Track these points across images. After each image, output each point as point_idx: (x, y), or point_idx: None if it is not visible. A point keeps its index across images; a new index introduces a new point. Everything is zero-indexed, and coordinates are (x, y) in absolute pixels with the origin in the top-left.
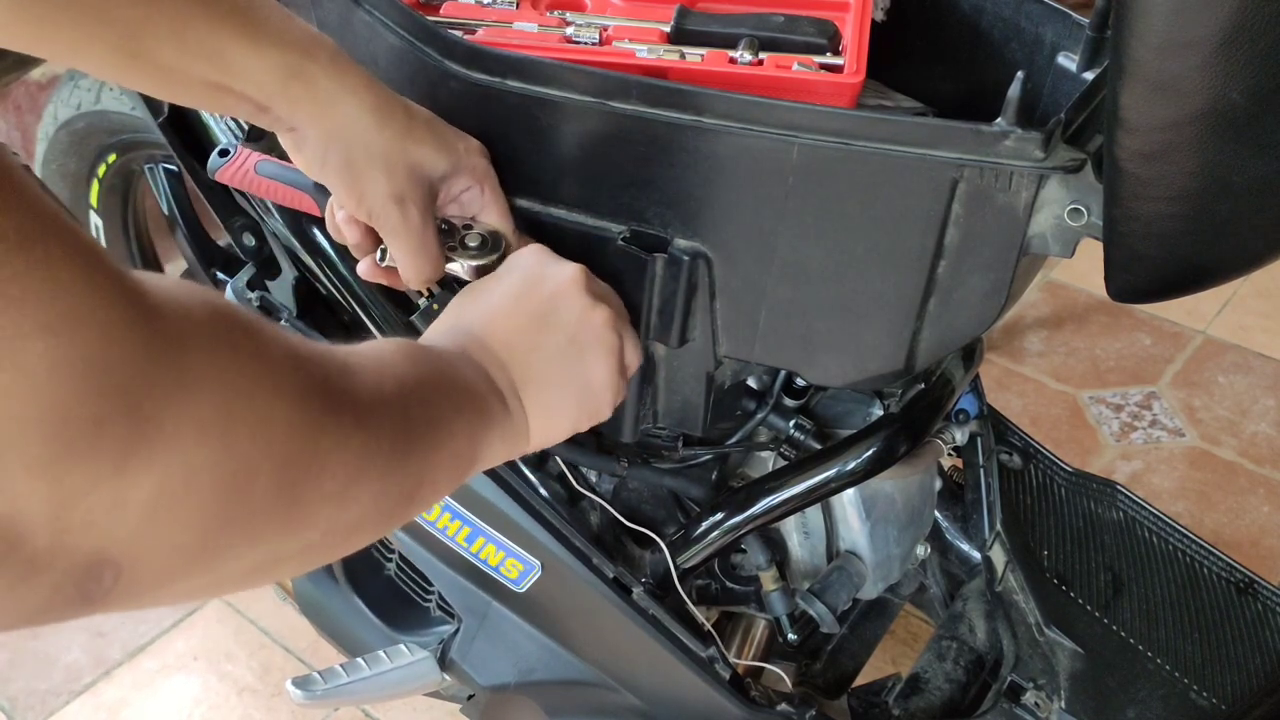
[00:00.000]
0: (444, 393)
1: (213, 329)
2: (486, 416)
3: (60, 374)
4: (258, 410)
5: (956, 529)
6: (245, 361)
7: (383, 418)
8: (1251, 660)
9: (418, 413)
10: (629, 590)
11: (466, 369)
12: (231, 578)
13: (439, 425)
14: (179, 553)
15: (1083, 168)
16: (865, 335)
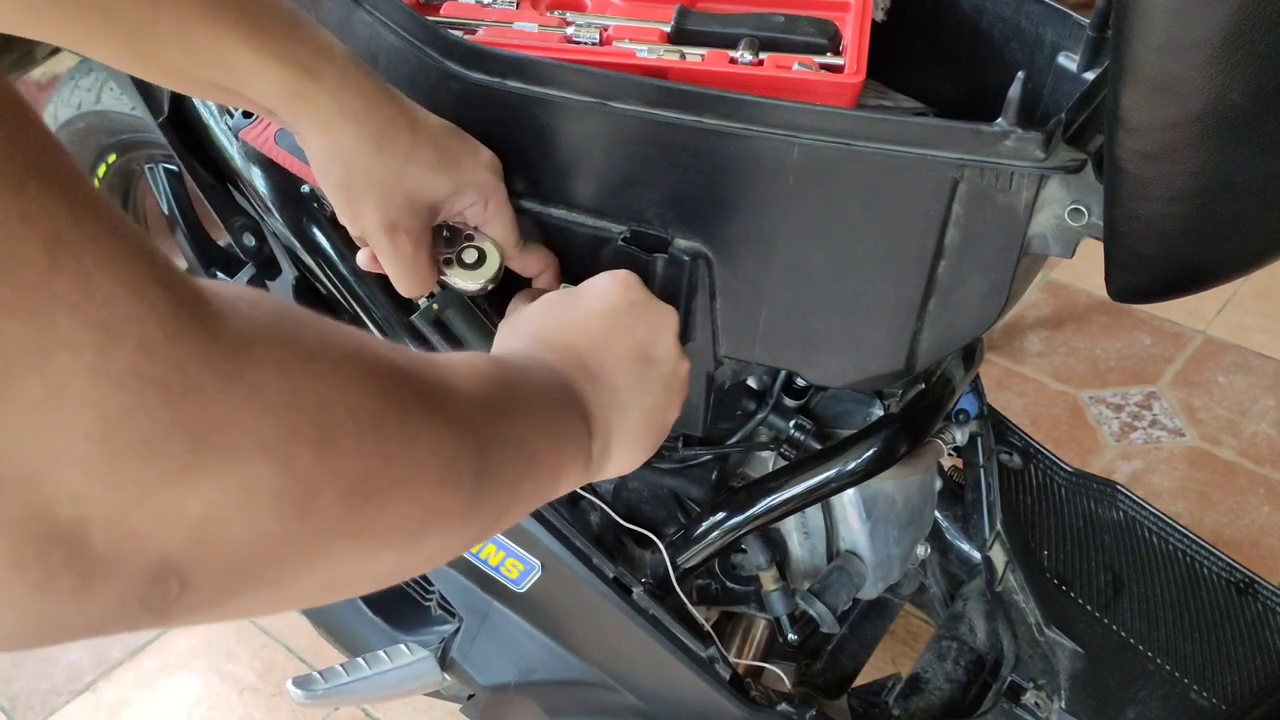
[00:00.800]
0: (534, 415)
1: (278, 339)
2: (573, 442)
3: (103, 385)
4: (324, 430)
5: (956, 529)
6: (314, 377)
7: (467, 446)
8: (1251, 660)
9: (506, 437)
10: (629, 590)
11: (557, 387)
12: (301, 595)
13: (526, 454)
14: (241, 567)
15: (1083, 168)
16: (865, 335)
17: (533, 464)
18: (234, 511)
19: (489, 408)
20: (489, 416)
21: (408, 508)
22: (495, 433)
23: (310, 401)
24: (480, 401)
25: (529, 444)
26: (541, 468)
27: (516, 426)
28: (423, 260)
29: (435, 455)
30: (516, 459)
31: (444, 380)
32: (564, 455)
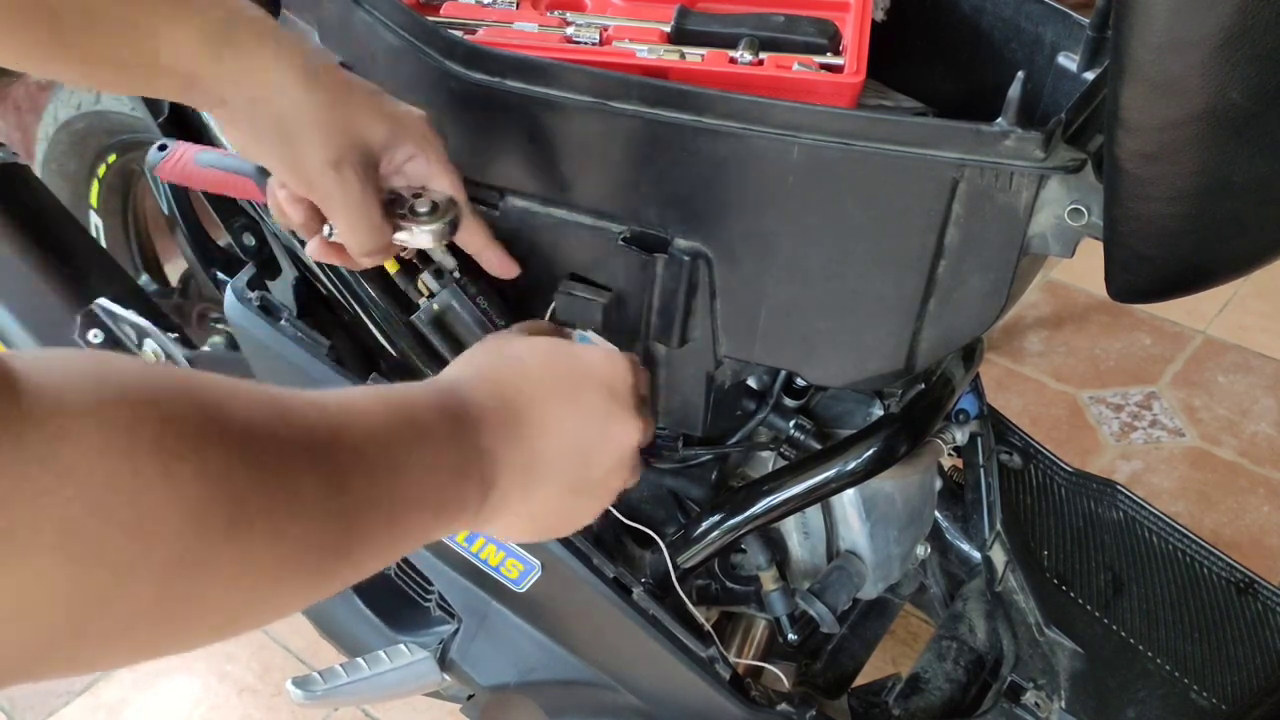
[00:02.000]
0: (412, 487)
1: (97, 415)
2: (452, 514)
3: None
4: (142, 512)
5: (956, 529)
6: (133, 454)
7: (318, 521)
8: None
9: (365, 514)
10: (629, 590)
11: (460, 443)
12: (114, 661)
13: (390, 516)
14: (40, 647)
15: (1083, 168)
16: (865, 335)
17: (387, 530)
18: (32, 603)
19: (355, 474)
20: (348, 489)
21: (229, 593)
22: (348, 509)
23: (125, 483)
24: (346, 472)
25: (390, 512)
26: (401, 530)
27: (384, 492)
28: (372, 202)
29: (274, 538)
30: (370, 528)
31: (303, 454)
32: (439, 515)
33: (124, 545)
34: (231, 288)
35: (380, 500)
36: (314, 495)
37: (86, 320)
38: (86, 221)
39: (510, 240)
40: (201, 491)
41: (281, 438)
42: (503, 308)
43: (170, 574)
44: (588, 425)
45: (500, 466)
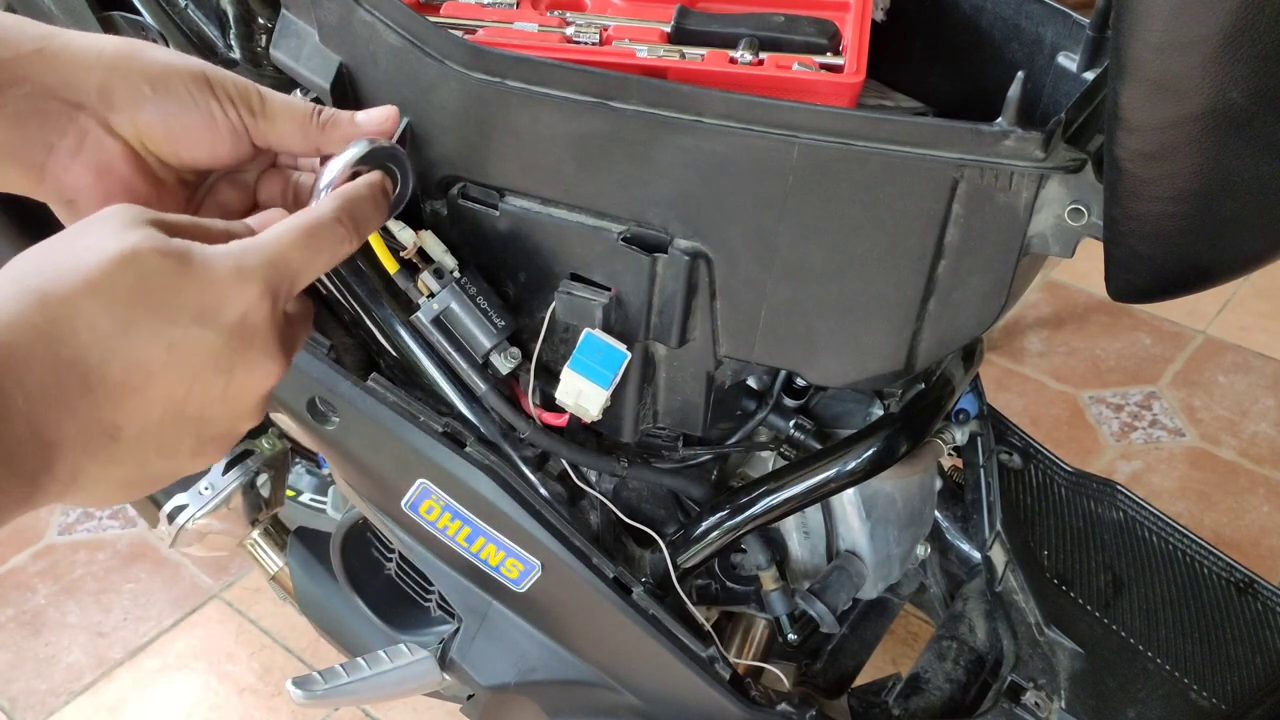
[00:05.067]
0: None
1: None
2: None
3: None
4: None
5: (956, 529)
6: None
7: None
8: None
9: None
10: (629, 590)
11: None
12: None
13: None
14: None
15: (1083, 168)
16: (865, 335)
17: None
18: None
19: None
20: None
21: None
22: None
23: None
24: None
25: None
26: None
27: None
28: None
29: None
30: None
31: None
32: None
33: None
34: None
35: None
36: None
37: None
38: None
39: (510, 240)
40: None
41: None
42: (502, 308)
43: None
44: (201, 380)
45: (60, 448)
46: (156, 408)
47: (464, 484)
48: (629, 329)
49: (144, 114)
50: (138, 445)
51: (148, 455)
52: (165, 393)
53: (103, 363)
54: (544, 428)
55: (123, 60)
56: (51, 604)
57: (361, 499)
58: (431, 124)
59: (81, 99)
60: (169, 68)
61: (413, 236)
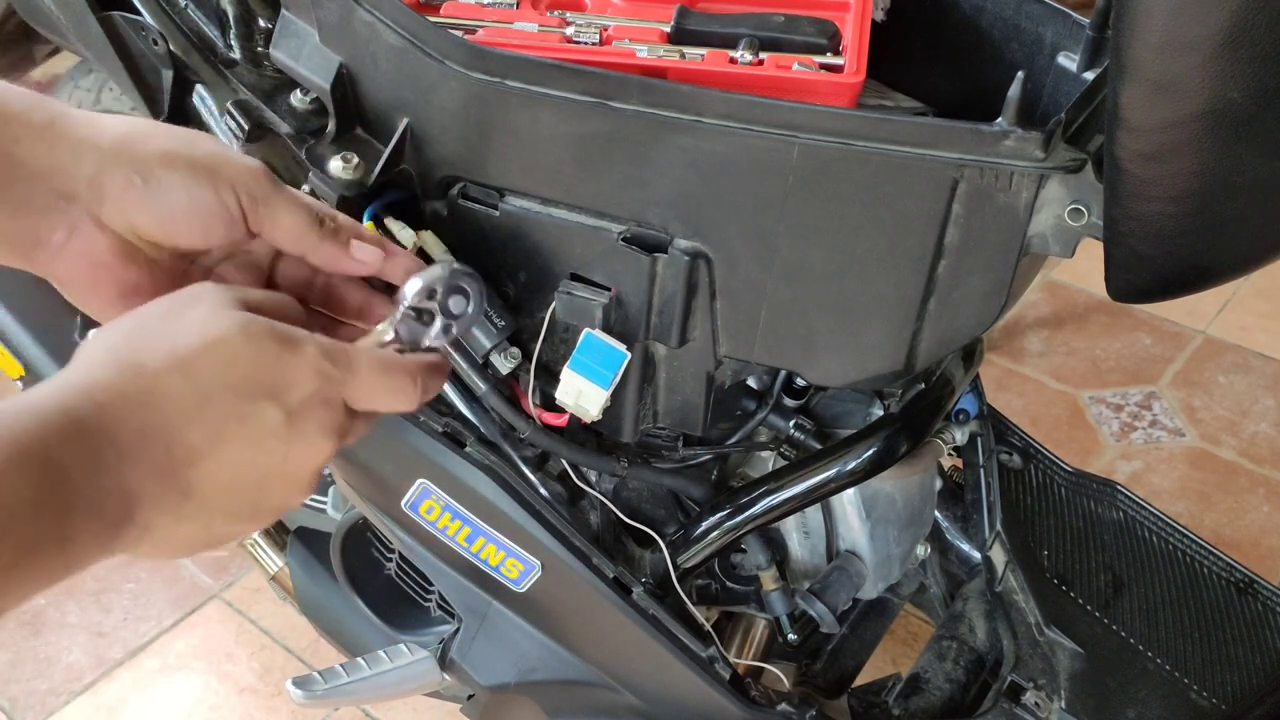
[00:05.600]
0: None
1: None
2: (55, 559)
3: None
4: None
5: (956, 529)
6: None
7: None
8: (1251, 660)
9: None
10: (629, 590)
11: (49, 507)
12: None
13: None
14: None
15: (1083, 168)
16: (865, 335)
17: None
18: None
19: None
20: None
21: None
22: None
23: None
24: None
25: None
26: (13, 588)
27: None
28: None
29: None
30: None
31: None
32: (56, 566)
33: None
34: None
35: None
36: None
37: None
38: None
39: (510, 240)
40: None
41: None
42: (503, 308)
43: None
44: (265, 450)
45: (141, 502)
46: (225, 472)
47: (464, 484)
48: (629, 329)
49: (133, 204)
50: (206, 506)
51: (213, 516)
52: (233, 458)
53: (184, 429)
54: (544, 428)
55: (122, 148)
56: (51, 604)
57: (361, 499)
58: (431, 124)
59: (74, 190)
60: (168, 155)
61: (413, 236)
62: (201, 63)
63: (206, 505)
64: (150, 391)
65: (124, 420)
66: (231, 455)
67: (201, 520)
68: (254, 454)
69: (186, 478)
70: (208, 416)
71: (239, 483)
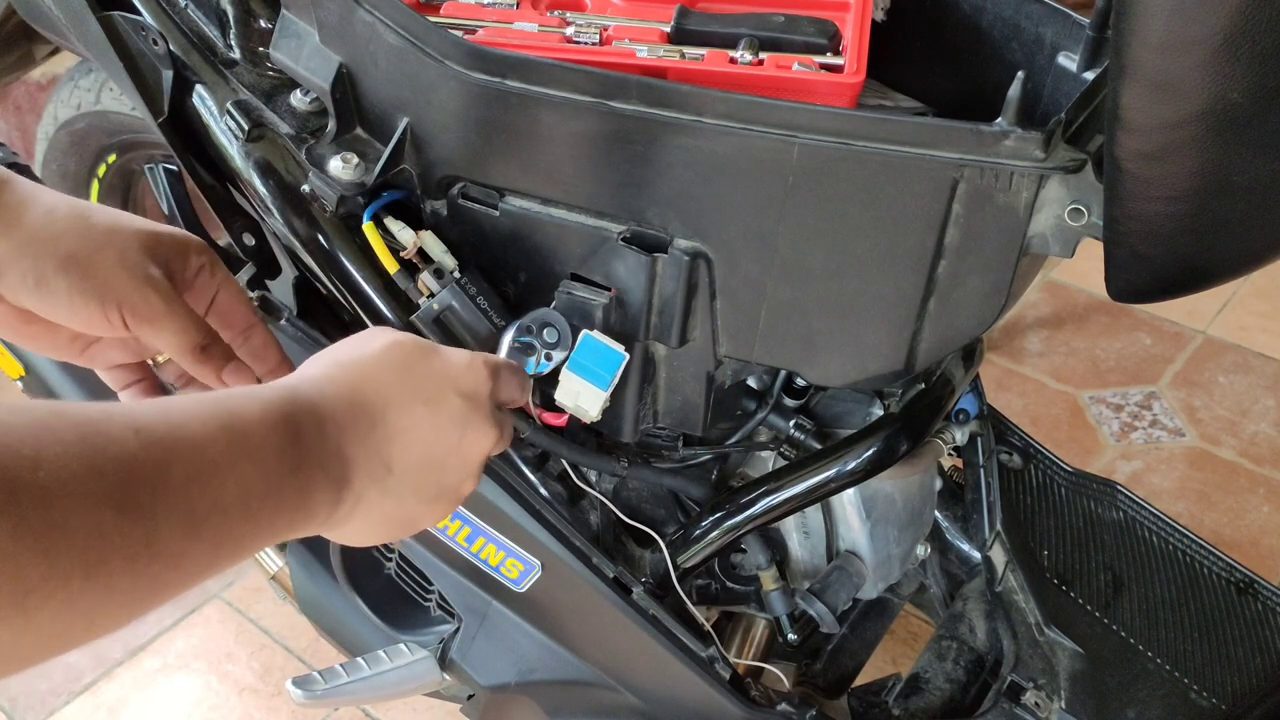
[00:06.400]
0: (239, 503)
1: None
2: (296, 520)
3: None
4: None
5: (956, 529)
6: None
7: (134, 561)
8: (1251, 660)
9: (186, 540)
10: (629, 590)
11: (293, 456)
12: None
13: (218, 546)
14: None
15: (1083, 168)
16: (865, 335)
17: (225, 544)
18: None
19: (179, 498)
20: (170, 511)
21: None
22: (176, 528)
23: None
24: (167, 497)
25: (223, 522)
26: (241, 541)
27: (211, 506)
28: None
29: (85, 597)
30: (202, 544)
31: (105, 494)
32: (286, 524)
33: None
34: None
35: (204, 522)
36: (128, 537)
37: None
38: None
39: (510, 240)
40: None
41: (88, 489)
42: (502, 308)
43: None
44: (445, 431)
45: (355, 468)
46: (416, 448)
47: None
48: (629, 329)
49: (25, 298)
50: (402, 480)
51: (406, 492)
52: (422, 437)
53: (384, 411)
54: (544, 428)
55: (29, 244)
56: None
57: None
58: (431, 124)
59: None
60: (66, 262)
61: (413, 236)
62: (201, 63)
63: (403, 479)
64: (359, 380)
65: (340, 401)
66: (421, 435)
67: (398, 495)
68: (438, 435)
69: (388, 452)
70: (401, 399)
71: (427, 461)
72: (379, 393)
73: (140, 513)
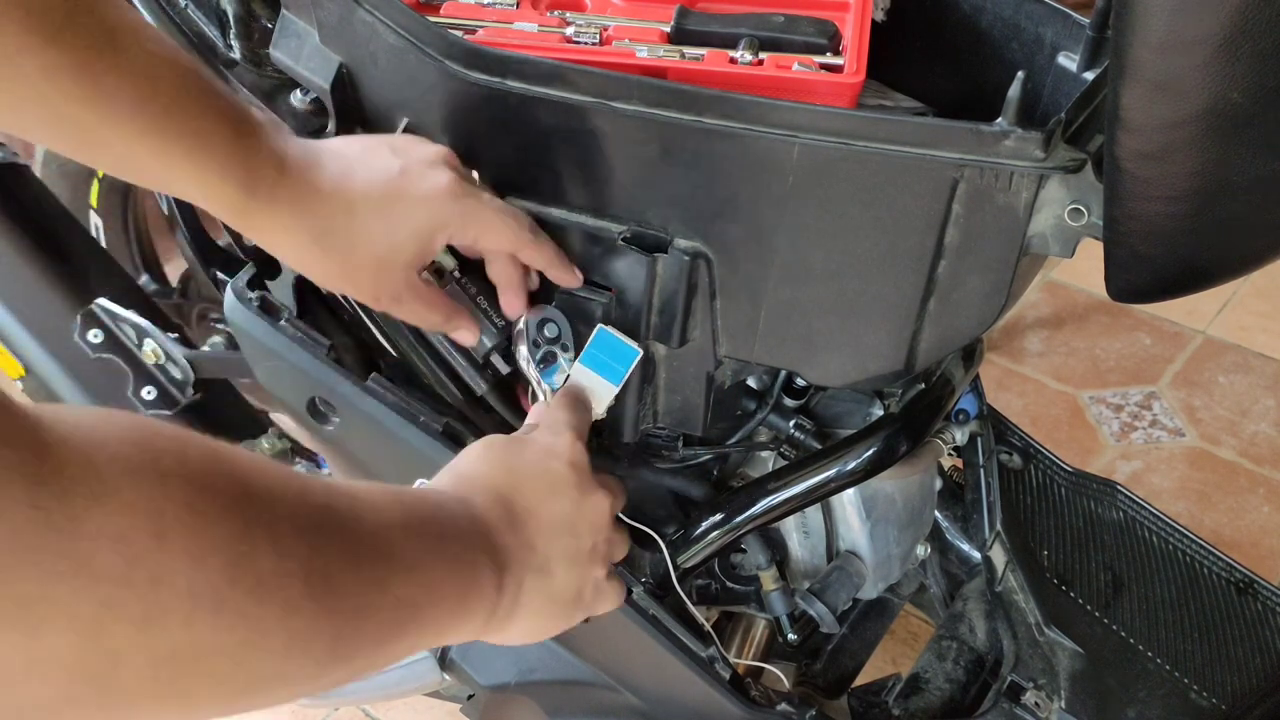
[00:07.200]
0: (428, 567)
1: (130, 481)
2: (473, 593)
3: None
4: (152, 606)
5: (956, 529)
6: (159, 542)
7: (326, 614)
8: (1251, 660)
9: (383, 595)
10: (629, 590)
11: (470, 533)
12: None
13: (406, 612)
14: (37, 711)
15: (1083, 168)
16: (865, 335)
17: (411, 621)
18: (19, 674)
19: (373, 561)
20: (367, 573)
21: (233, 674)
22: (368, 592)
23: (145, 575)
24: (364, 557)
25: (412, 601)
26: (423, 623)
27: (401, 581)
28: (443, 304)
29: (283, 628)
30: (392, 618)
31: (320, 533)
32: (458, 611)
33: (128, 635)
34: (231, 288)
35: (395, 595)
36: (331, 578)
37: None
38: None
39: None
40: (223, 561)
41: (303, 515)
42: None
43: (168, 662)
44: (566, 501)
45: (511, 556)
46: (551, 524)
47: None
48: (629, 329)
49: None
50: (548, 556)
51: (557, 568)
52: (551, 511)
53: (513, 497)
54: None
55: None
56: None
57: None
58: (431, 124)
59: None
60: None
61: None
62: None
63: (549, 554)
64: (483, 482)
65: (479, 501)
66: (549, 509)
67: (549, 574)
68: (562, 505)
69: (530, 535)
70: (525, 487)
71: (561, 530)
72: (507, 484)
73: (348, 573)
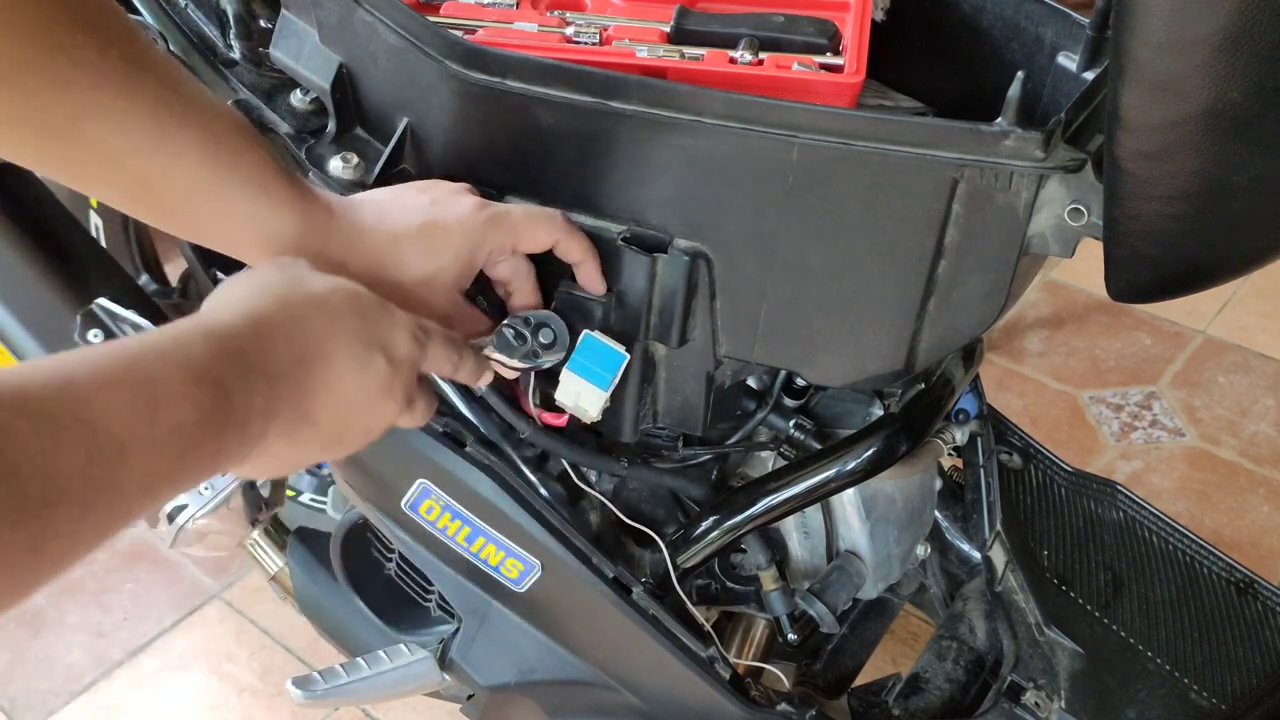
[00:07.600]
0: (144, 467)
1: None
2: (200, 471)
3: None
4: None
5: (956, 529)
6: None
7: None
8: (1251, 660)
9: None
10: (629, 590)
11: (212, 421)
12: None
13: (113, 508)
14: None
15: (1083, 167)
16: (865, 335)
17: (119, 504)
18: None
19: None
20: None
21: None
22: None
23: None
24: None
25: (131, 483)
26: (128, 495)
27: (118, 472)
28: (486, 322)
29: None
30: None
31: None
32: (181, 475)
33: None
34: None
35: (96, 505)
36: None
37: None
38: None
39: None
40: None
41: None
42: (502, 306)
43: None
44: (365, 395)
45: (275, 423)
46: (335, 407)
47: (464, 484)
48: (629, 329)
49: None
50: (316, 433)
51: (314, 445)
52: (344, 396)
53: (318, 361)
54: (544, 428)
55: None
56: (51, 604)
57: (361, 499)
58: (431, 124)
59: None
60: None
61: None
62: (201, 63)
63: (315, 433)
64: (303, 325)
65: (275, 350)
66: (344, 394)
67: (304, 444)
68: (358, 395)
69: (311, 407)
70: (339, 357)
71: (341, 420)
72: (319, 344)
73: (28, 509)
